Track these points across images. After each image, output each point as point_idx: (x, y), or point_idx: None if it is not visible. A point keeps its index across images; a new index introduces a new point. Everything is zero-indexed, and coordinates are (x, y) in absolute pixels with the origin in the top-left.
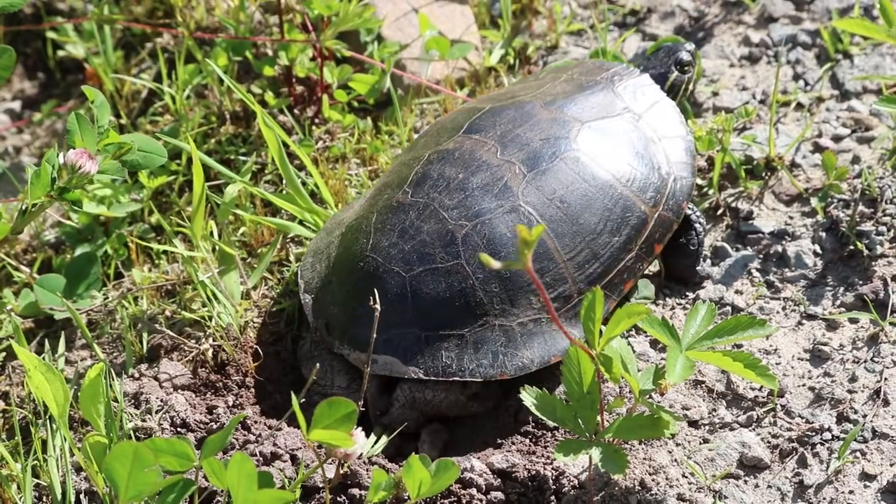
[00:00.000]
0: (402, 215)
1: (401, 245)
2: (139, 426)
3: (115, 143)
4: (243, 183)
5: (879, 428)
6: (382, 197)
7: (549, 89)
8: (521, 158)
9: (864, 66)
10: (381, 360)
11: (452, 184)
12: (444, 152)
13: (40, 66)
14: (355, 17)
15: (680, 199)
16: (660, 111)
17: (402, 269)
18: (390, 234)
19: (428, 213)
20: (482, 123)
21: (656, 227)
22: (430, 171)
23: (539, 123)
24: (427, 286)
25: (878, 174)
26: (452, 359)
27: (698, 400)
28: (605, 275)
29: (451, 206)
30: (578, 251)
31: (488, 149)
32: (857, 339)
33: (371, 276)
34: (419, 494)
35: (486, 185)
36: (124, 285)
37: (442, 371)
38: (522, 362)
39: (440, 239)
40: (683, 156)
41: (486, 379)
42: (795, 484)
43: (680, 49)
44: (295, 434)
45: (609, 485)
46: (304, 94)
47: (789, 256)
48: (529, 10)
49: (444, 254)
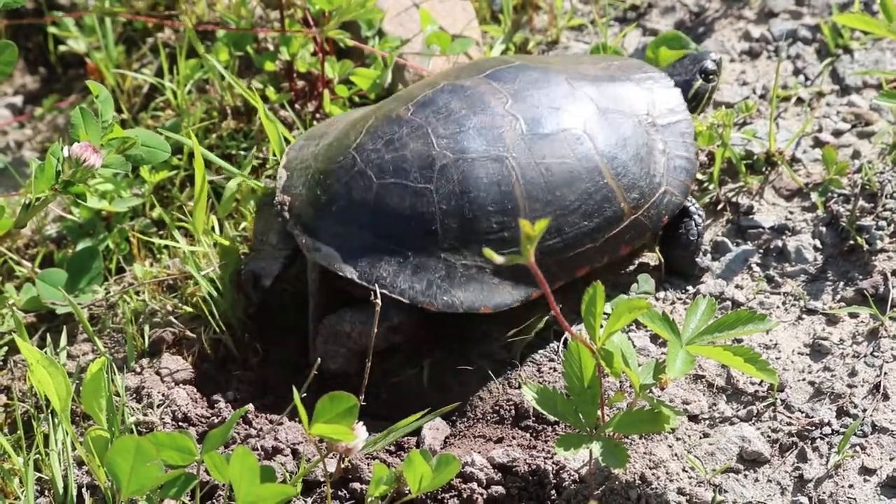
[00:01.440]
0: (395, 127)
1: (382, 152)
2: (141, 420)
3: (119, 138)
4: (244, 177)
5: (879, 422)
6: (386, 107)
7: (582, 69)
8: (526, 116)
9: (865, 61)
10: (324, 250)
11: (453, 116)
12: (457, 86)
13: (42, 61)
14: (357, 7)
15: (663, 212)
16: (677, 128)
17: (374, 175)
18: (377, 140)
19: (419, 133)
20: (505, 74)
21: (629, 227)
22: (437, 98)
23: (556, 93)
24: (391, 198)
25: (879, 169)
26: (389, 273)
27: (698, 394)
28: (562, 252)
29: (443, 135)
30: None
31: (500, 98)
32: (857, 334)
33: (344, 173)
34: (420, 489)
35: (482, 128)
36: (126, 280)
37: (375, 280)
38: (452, 300)
39: (420, 160)
40: (682, 175)
41: (413, 303)
42: (795, 478)
43: (705, 58)
44: (296, 428)
45: (609, 479)
46: (305, 89)
47: (789, 251)
48: (530, 5)
49: (418, 175)
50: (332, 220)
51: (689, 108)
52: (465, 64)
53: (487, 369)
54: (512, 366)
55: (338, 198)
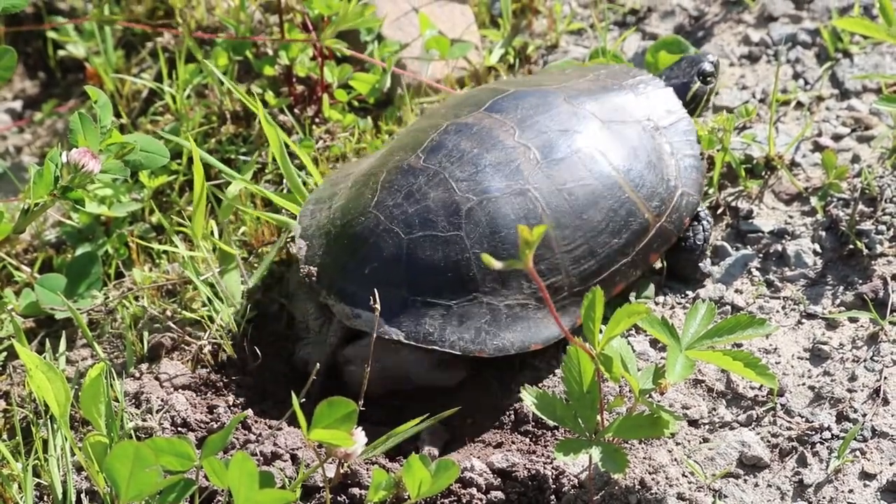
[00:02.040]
0: (411, 178)
1: (405, 207)
2: (140, 426)
3: (118, 143)
4: (244, 182)
5: (879, 427)
6: (394, 157)
7: (575, 84)
8: (536, 144)
9: (864, 65)
10: (364, 315)
11: (466, 156)
12: (462, 125)
13: (41, 66)
14: (355, 15)
15: (683, 215)
16: (679, 127)
17: (401, 231)
18: (396, 195)
19: (437, 180)
20: (504, 104)
21: (656, 236)
22: (446, 141)
23: (560, 114)
24: (423, 251)
25: (878, 173)
26: (435, 327)
27: (698, 399)
28: (599, 273)
29: (461, 178)
30: (577, 245)
31: (506, 129)
32: (856, 339)
33: (370, 233)
34: (419, 494)
35: (498, 164)
36: (125, 285)
37: (423, 337)
38: (503, 343)
39: (445, 208)
40: (694, 174)
41: (465, 353)
42: (795, 483)
43: (703, 60)
44: (295, 433)
45: (609, 484)
46: (304, 94)
47: (789, 255)
48: (529, 9)
49: (446, 223)
50: (366, 284)
51: (688, 110)
52: (458, 96)
53: (486, 374)
54: (511, 370)
55: (368, 260)
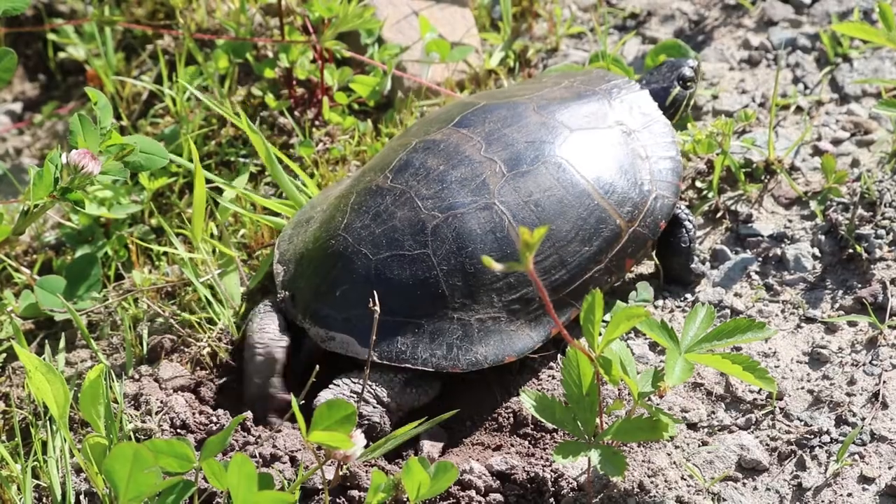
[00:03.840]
0: (378, 199)
1: (372, 228)
2: (139, 427)
3: (118, 145)
4: (237, 190)
5: (878, 431)
6: (365, 179)
7: (547, 93)
8: (503, 157)
9: (864, 70)
10: (338, 338)
11: (432, 174)
12: (430, 142)
13: (41, 68)
14: (355, 17)
15: (658, 218)
16: (653, 130)
17: (369, 252)
18: (364, 216)
19: (403, 199)
20: (472, 119)
21: (629, 242)
22: (413, 160)
23: (528, 126)
24: (391, 271)
25: (878, 178)
26: (408, 345)
27: (697, 402)
28: (571, 283)
29: (427, 196)
30: (546, 256)
31: (473, 144)
32: (855, 343)
33: (339, 256)
34: (418, 496)
35: (464, 180)
36: (124, 287)
37: (396, 357)
38: (476, 358)
39: (411, 227)
40: (669, 176)
41: (438, 370)
42: (794, 486)
43: (683, 65)
44: (294, 436)
45: (608, 487)
46: (304, 96)
47: (788, 259)
48: (530, 12)
49: (413, 242)
50: (338, 306)
51: (668, 115)
52: (433, 113)
53: (486, 377)
54: (510, 373)
55: (338, 282)
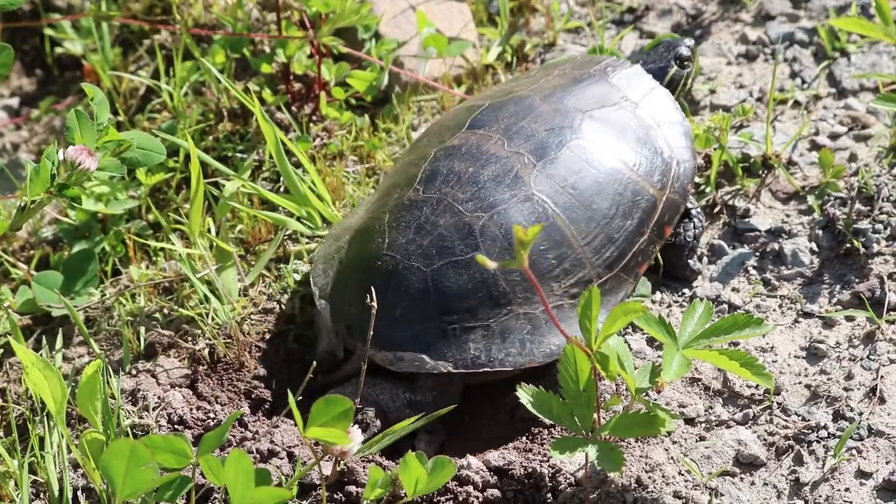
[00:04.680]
0: (416, 212)
1: (418, 241)
2: (136, 423)
3: (115, 141)
4: (241, 180)
5: (875, 426)
6: (392, 197)
7: (544, 84)
8: (528, 149)
9: (862, 64)
10: (407, 357)
11: (464, 177)
12: (450, 148)
13: (38, 63)
14: (352, 13)
15: (685, 182)
16: (655, 99)
17: (422, 265)
18: (406, 232)
19: (442, 207)
20: (484, 119)
21: (665, 209)
22: (439, 168)
23: (541, 115)
24: (449, 279)
25: (875, 172)
26: (480, 350)
27: (695, 398)
28: (622, 258)
29: (466, 199)
30: (594, 236)
31: (494, 142)
32: (853, 337)
33: (390, 274)
34: (416, 492)
35: (497, 177)
36: (122, 282)
37: (471, 363)
38: (550, 349)
39: (458, 231)
40: (683, 140)
41: (517, 367)
42: (791, 481)
43: (679, 44)
44: (292, 431)
45: (605, 482)
46: (301, 91)
47: (786, 254)
48: (527, 7)
49: (463, 246)
50: (401, 326)
51: None
52: (434, 125)
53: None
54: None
55: (396, 302)
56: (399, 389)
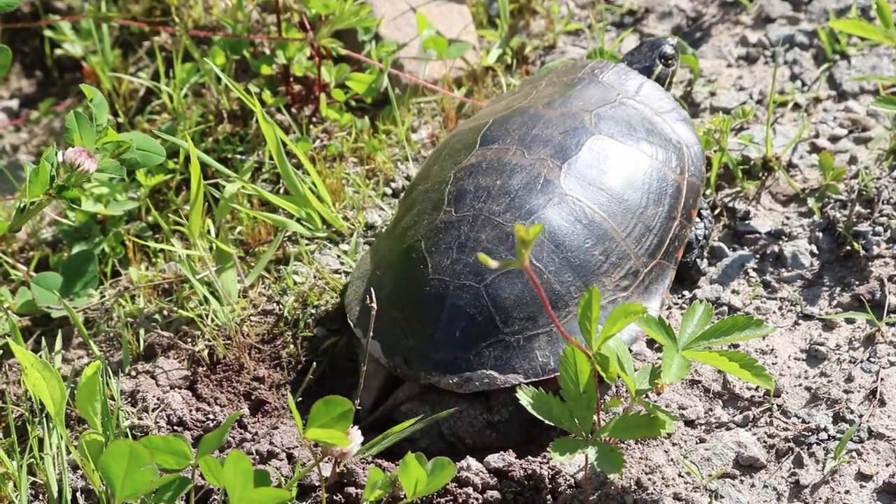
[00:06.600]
0: (453, 232)
1: (464, 259)
2: (136, 424)
3: (114, 142)
4: (242, 181)
5: (875, 428)
6: (421, 224)
7: (538, 94)
8: (549, 154)
9: (862, 67)
10: (475, 377)
11: (493, 191)
12: (469, 167)
13: (38, 65)
14: (352, 15)
15: (699, 164)
16: (648, 91)
17: (473, 282)
18: (448, 252)
19: (481, 222)
20: (494, 134)
21: (688, 192)
22: (465, 186)
23: (551, 121)
24: (504, 291)
25: (875, 175)
26: (548, 356)
27: (695, 399)
28: (661, 245)
29: (502, 211)
30: (633, 227)
31: (513, 153)
32: (853, 340)
33: (443, 297)
34: (415, 493)
35: (527, 185)
36: (121, 283)
37: (541, 370)
38: None
39: (502, 243)
40: (684, 126)
41: None
42: (791, 484)
43: (663, 43)
44: (291, 432)
45: (605, 484)
46: (301, 93)
47: (786, 256)
48: (527, 9)
49: (511, 255)
50: (463, 346)
51: None
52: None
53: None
54: None
55: (453, 322)
56: (475, 412)
